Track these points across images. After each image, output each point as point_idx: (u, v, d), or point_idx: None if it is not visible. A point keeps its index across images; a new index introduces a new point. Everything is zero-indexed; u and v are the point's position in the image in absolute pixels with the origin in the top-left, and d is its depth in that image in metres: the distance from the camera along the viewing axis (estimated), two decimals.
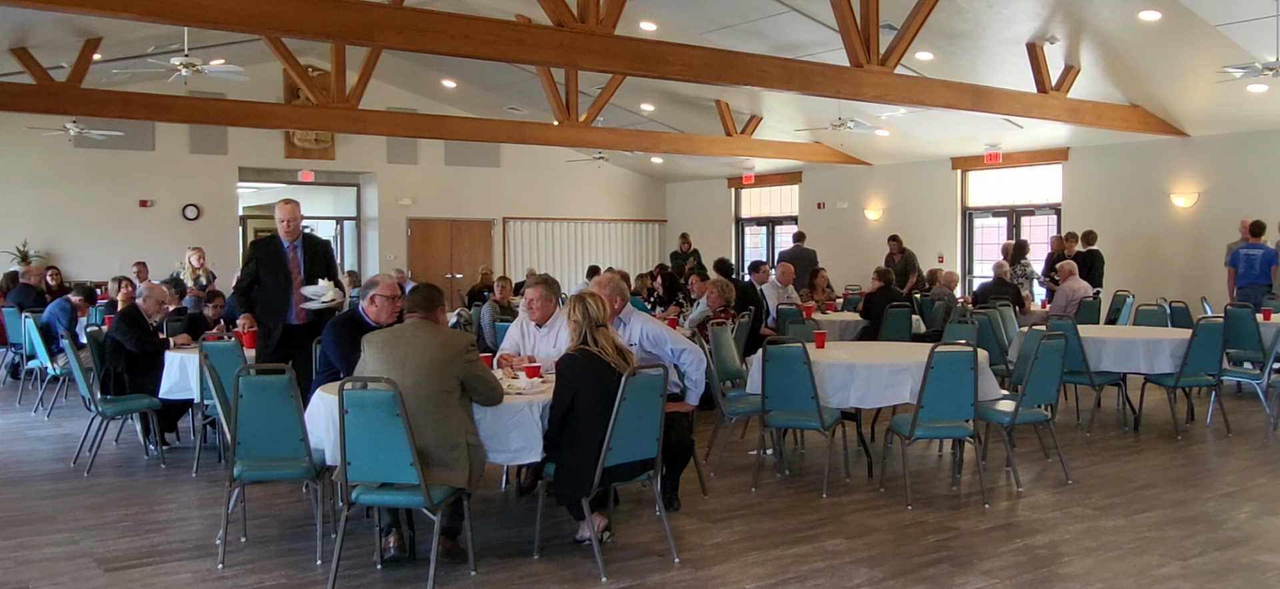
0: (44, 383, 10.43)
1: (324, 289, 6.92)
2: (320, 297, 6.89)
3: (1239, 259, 11.87)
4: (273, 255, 7.00)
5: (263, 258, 7.03)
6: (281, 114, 15.25)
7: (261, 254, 7.08)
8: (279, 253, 7.01)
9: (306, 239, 7.14)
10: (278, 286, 6.94)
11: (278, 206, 7.05)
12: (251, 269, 7.04)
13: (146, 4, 6.69)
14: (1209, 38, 10.47)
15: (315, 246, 7.19)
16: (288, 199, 7.03)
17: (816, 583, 4.85)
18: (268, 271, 6.96)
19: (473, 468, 4.82)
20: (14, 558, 5.29)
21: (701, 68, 8.95)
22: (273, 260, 6.99)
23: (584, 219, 22.14)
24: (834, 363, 6.58)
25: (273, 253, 7.01)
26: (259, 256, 7.08)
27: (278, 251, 7.01)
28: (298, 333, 6.90)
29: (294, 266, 6.94)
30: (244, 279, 7.09)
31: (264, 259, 7.02)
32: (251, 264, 7.08)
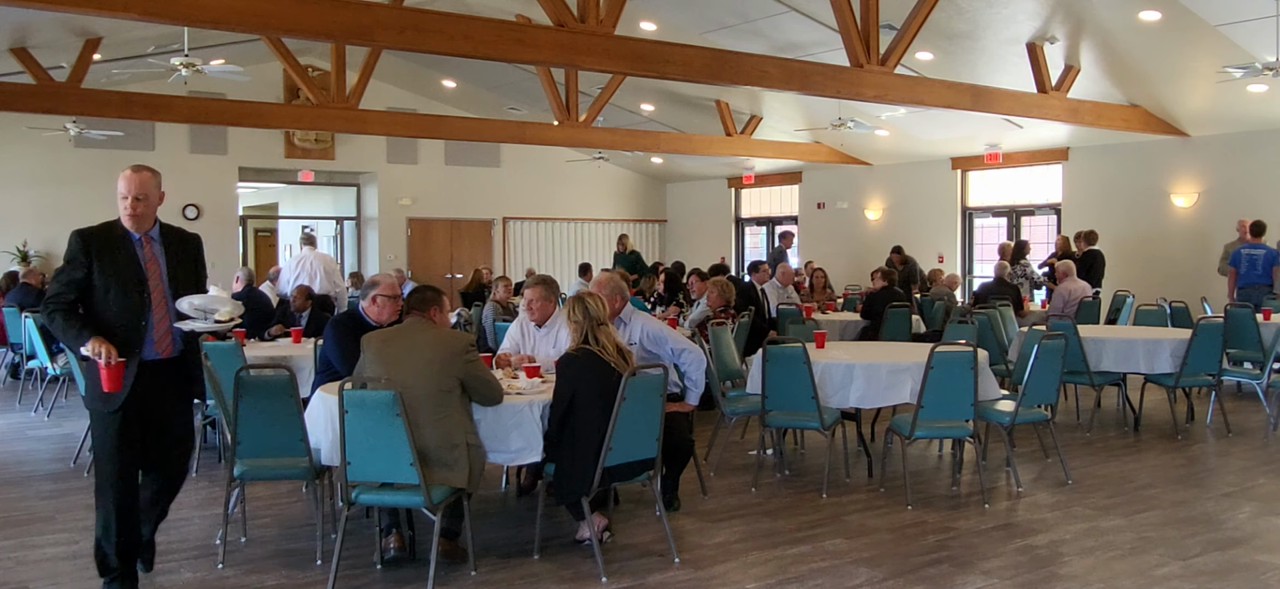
0: (44, 383, 10.42)
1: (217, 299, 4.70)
2: (210, 312, 4.63)
3: (1240, 259, 11.87)
4: (113, 252, 4.57)
5: (100, 254, 4.54)
6: (281, 114, 15.25)
7: (97, 248, 4.55)
8: (125, 248, 4.59)
9: (168, 231, 4.73)
10: (126, 300, 4.53)
11: (123, 179, 4.59)
12: (76, 274, 4.52)
13: (146, 4, 6.69)
14: (1209, 38, 10.47)
15: (184, 242, 4.77)
16: (140, 166, 4.69)
17: (816, 583, 4.85)
18: (108, 276, 4.52)
19: (473, 468, 4.82)
20: (14, 558, 5.29)
21: (701, 68, 8.95)
22: (114, 259, 4.56)
23: (584, 219, 22.13)
24: (834, 363, 6.58)
25: (113, 248, 4.58)
26: (93, 252, 4.53)
27: (121, 246, 4.59)
28: (162, 372, 4.61)
29: (152, 269, 4.62)
30: (61, 288, 4.52)
31: (102, 257, 4.54)
32: (77, 264, 4.52)
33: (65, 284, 4.54)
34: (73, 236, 4.58)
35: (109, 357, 4.37)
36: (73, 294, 4.53)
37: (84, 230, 4.60)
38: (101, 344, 4.38)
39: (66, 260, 4.59)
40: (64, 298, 4.53)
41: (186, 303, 4.59)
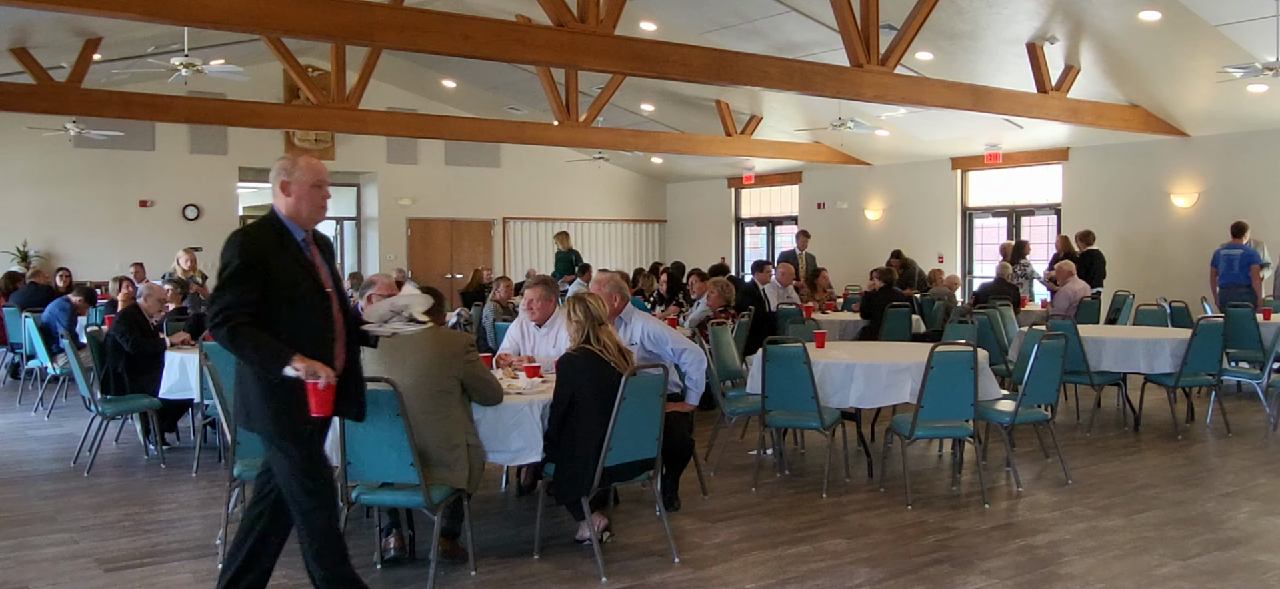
0: (44, 383, 10.43)
1: (409, 296, 4.37)
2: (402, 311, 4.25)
3: (1220, 259, 11.92)
4: (285, 254, 3.99)
5: (271, 259, 3.95)
6: (281, 114, 15.25)
7: (270, 250, 3.96)
8: (294, 250, 4.03)
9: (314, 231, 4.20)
10: (310, 310, 4.01)
11: (312, 166, 4.07)
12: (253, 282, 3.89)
13: (146, 4, 6.69)
14: (1209, 38, 10.47)
15: (326, 242, 4.25)
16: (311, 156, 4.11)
17: (816, 583, 4.85)
18: (285, 283, 3.95)
19: (472, 468, 4.82)
20: (14, 558, 5.29)
21: (701, 68, 8.95)
22: (286, 263, 3.98)
23: (584, 219, 22.12)
24: (834, 363, 6.59)
25: (282, 249, 4.00)
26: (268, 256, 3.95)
27: (289, 248, 4.02)
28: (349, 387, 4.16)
29: (320, 273, 4.09)
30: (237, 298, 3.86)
31: (274, 261, 3.95)
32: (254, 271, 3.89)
33: (242, 295, 3.85)
34: (239, 239, 3.91)
35: (326, 377, 3.83)
36: (253, 307, 3.86)
37: (249, 230, 3.99)
38: (312, 363, 3.83)
39: (237, 269, 3.86)
40: (246, 311, 3.84)
41: (385, 307, 4.23)
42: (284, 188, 4.03)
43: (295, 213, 4.03)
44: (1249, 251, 11.73)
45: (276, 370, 3.85)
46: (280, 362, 3.82)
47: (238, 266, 3.87)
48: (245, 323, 3.82)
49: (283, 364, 3.81)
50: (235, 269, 3.87)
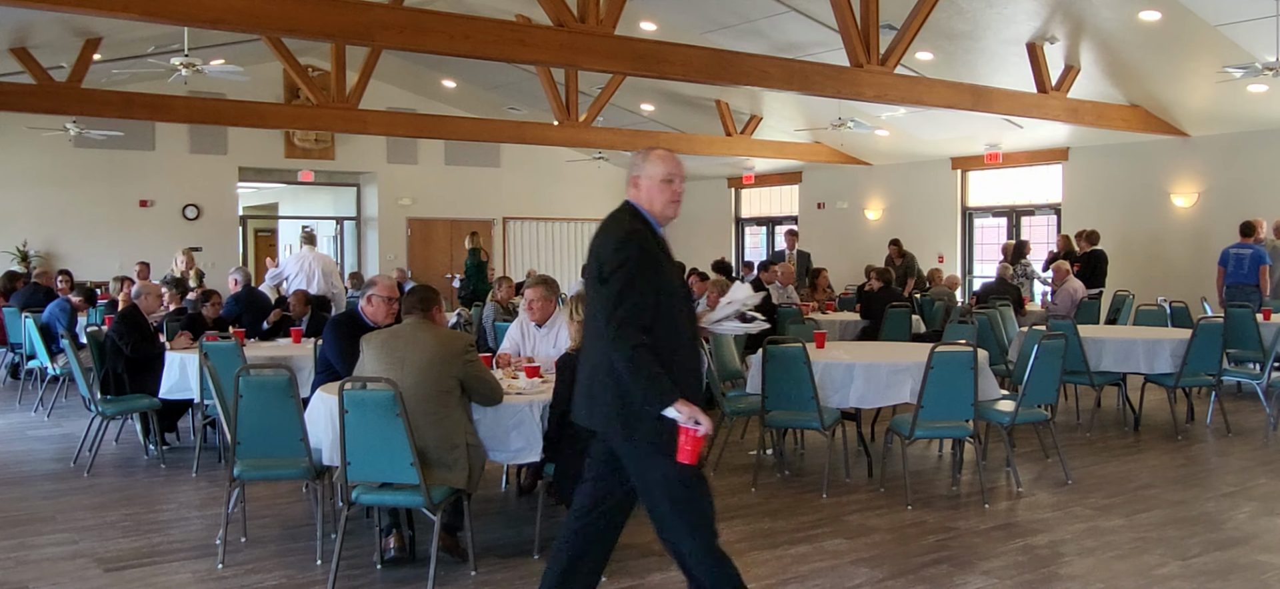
0: (44, 383, 10.43)
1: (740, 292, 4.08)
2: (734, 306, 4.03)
3: (1228, 258, 11.92)
4: (663, 257, 3.70)
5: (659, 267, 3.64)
6: (281, 114, 15.25)
7: (650, 254, 3.63)
8: (667, 256, 3.74)
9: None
10: (682, 329, 3.69)
11: (666, 158, 3.73)
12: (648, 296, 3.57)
13: (146, 4, 6.69)
14: (1209, 38, 10.47)
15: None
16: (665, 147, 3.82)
17: (816, 583, 4.85)
18: (668, 289, 3.65)
19: (472, 468, 4.82)
20: (14, 558, 5.29)
21: (701, 68, 8.95)
22: (665, 271, 3.68)
23: (584, 219, 22.12)
24: (834, 363, 6.59)
25: (661, 254, 3.70)
26: (657, 256, 3.66)
27: (663, 253, 3.72)
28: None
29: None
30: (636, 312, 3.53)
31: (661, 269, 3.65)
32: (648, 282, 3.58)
33: (641, 301, 3.51)
34: (624, 232, 3.56)
35: (706, 426, 3.50)
36: (649, 318, 3.51)
37: (631, 225, 3.61)
38: (694, 408, 3.48)
39: (634, 271, 3.50)
40: (643, 324, 3.50)
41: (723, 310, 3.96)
42: (634, 182, 3.74)
43: (649, 203, 3.72)
44: (1259, 251, 11.72)
45: (657, 407, 3.51)
46: (665, 400, 3.48)
47: (634, 268, 3.52)
48: (645, 346, 3.48)
49: (666, 403, 3.48)
50: (631, 270, 3.52)
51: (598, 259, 3.64)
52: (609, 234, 3.64)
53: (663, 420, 3.53)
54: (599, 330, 3.63)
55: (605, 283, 3.56)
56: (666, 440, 3.54)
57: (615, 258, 3.54)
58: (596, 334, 3.67)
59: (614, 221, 3.70)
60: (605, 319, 3.55)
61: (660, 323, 3.54)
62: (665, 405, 3.48)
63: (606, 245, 3.61)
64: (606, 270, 3.56)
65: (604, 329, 3.55)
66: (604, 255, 3.59)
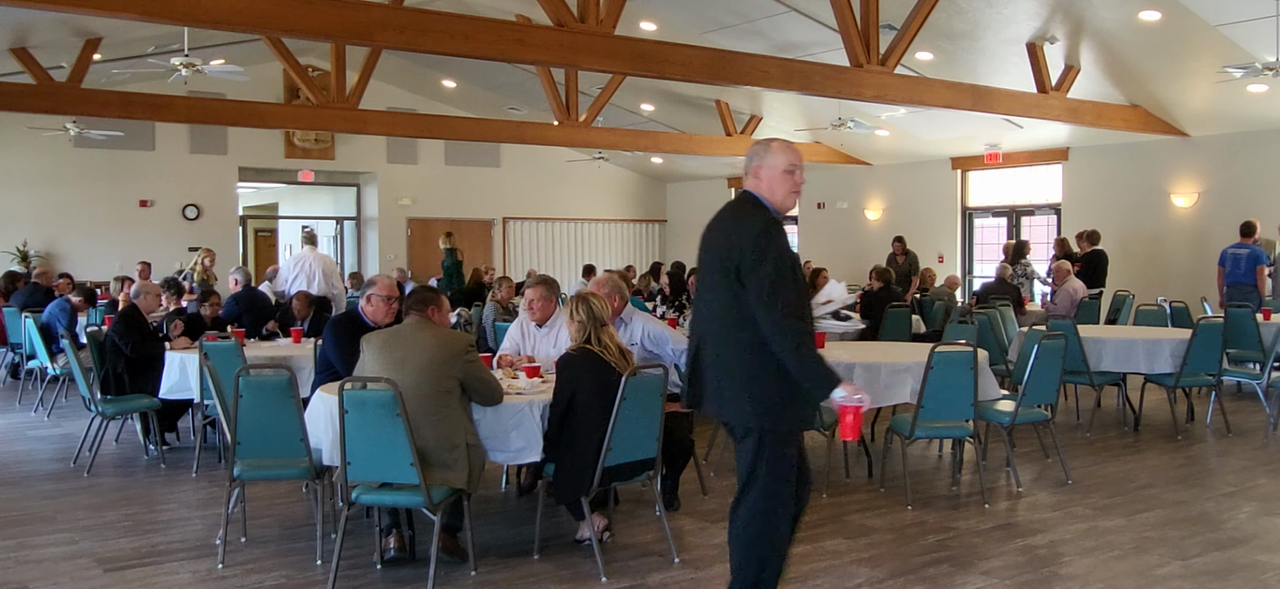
0: (44, 383, 10.43)
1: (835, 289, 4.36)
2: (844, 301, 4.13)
3: (1227, 258, 11.94)
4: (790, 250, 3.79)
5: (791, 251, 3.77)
6: (281, 114, 15.26)
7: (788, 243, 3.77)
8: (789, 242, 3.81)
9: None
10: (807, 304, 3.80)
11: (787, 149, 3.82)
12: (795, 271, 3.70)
13: (146, 4, 6.69)
14: (1209, 38, 10.47)
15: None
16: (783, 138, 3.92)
17: (816, 583, 4.85)
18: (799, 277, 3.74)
19: (472, 468, 4.82)
20: (14, 558, 5.29)
21: (701, 68, 8.95)
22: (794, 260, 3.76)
23: (584, 219, 22.14)
24: (834, 363, 6.55)
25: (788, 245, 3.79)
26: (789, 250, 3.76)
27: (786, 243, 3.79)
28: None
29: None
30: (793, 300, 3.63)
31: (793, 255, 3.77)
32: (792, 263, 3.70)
33: (796, 293, 3.59)
34: (771, 231, 3.61)
35: (868, 401, 3.60)
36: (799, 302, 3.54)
37: (772, 220, 3.67)
38: (856, 386, 3.59)
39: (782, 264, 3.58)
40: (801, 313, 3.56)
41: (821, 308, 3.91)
42: (755, 173, 3.78)
43: (770, 194, 3.77)
44: (1255, 251, 11.73)
45: (823, 393, 3.61)
46: (830, 384, 3.57)
47: (780, 257, 3.60)
48: (808, 334, 3.58)
49: (831, 387, 3.57)
50: (779, 260, 3.59)
51: (734, 250, 3.64)
52: (744, 226, 3.66)
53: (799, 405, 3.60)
54: (730, 322, 3.65)
55: (750, 275, 3.58)
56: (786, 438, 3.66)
57: (758, 248, 3.58)
58: (725, 327, 3.68)
59: (743, 213, 3.73)
60: (764, 311, 3.56)
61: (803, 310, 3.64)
62: (832, 389, 3.56)
63: (744, 237, 3.63)
64: (750, 261, 3.59)
65: (763, 321, 3.57)
66: (744, 246, 3.61)
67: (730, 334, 3.67)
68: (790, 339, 3.53)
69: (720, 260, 3.68)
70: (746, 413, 3.70)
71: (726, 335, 3.69)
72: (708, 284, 3.82)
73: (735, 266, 3.61)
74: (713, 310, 3.76)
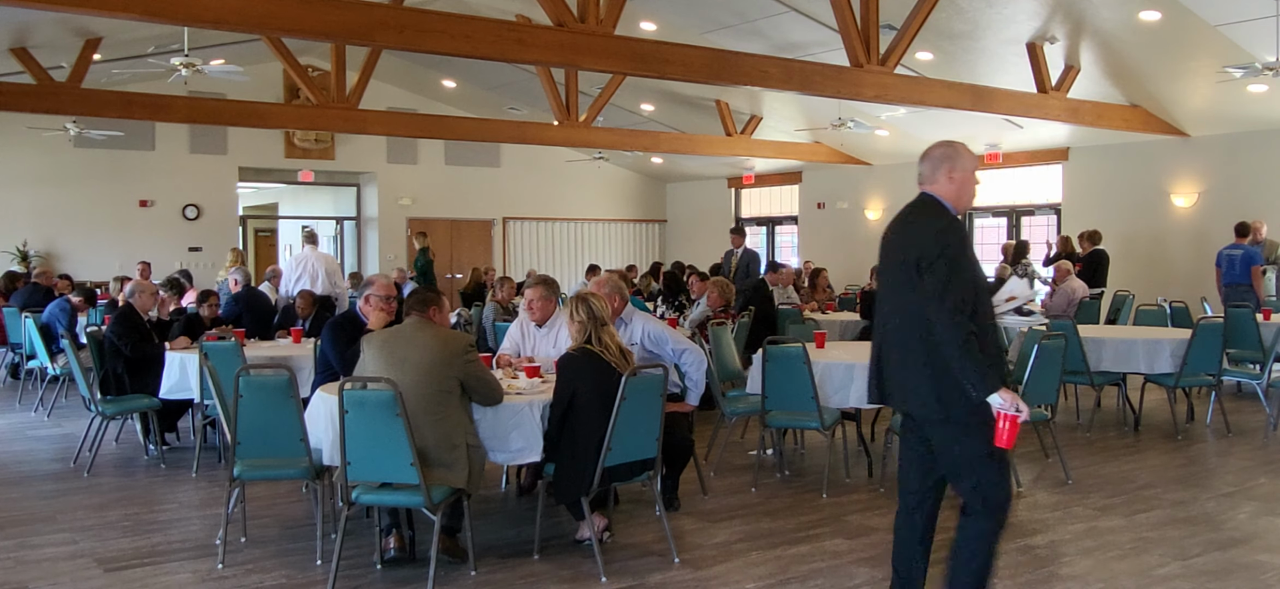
0: (44, 383, 10.43)
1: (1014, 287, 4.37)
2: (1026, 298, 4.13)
3: (1222, 259, 11.95)
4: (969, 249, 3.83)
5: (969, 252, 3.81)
6: (281, 114, 15.26)
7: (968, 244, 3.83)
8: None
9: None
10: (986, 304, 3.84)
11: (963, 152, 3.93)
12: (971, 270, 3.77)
13: (146, 4, 6.69)
14: (1209, 38, 10.47)
15: None
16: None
17: (816, 583, 4.85)
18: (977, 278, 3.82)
19: (472, 468, 4.82)
20: (14, 558, 5.29)
21: (701, 68, 8.95)
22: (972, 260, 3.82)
23: (584, 219, 22.14)
24: (834, 363, 6.58)
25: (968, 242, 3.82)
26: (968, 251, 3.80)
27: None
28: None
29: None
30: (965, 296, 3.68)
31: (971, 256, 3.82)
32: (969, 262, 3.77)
33: (968, 290, 3.66)
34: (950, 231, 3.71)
35: (1026, 412, 3.65)
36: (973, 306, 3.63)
37: (952, 221, 3.77)
38: (1015, 395, 3.63)
39: (956, 260, 3.66)
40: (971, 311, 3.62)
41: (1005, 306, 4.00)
42: (948, 175, 3.86)
43: (954, 198, 3.87)
44: (1250, 251, 11.74)
45: (982, 393, 3.65)
46: (990, 386, 3.63)
47: (958, 256, 3.69)
48: (975, 334, 3.63)
49: (992, 390, 3.63)
50: (956, 258, 3.69)
51: (914, 248, 3.76)
52: (925, 225, 3.78)
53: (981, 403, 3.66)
54: (912, 316, 3.76)
55: (927, 271, 3.69)
56: (981, 421, 3.68)
57: (937, 246, 3.69)
58: (908, 320, 3.79)
59: (923, 213, 3.85)
60: (936, 305, 3.66)
61: (976, 309, 3.69)
62: (990, 392, 3.62)
63: (925, 235, 3.75)
64: (928, 259, 3.69)
65: (934, 315, 3.67)
66: (924, 244, 3.72)
67: (913, 329, 3.80)
68: (957, 335, 3.63)
69: (902, 259, 3.82)
70: (931, 405, 3.81)
71: (910, 330, 3.81)
72: (890, 283, 3.98)
73: (915, 263, 3.74)
74: (895, 307, 3.90)
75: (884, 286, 4.05)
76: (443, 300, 5.23)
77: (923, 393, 3.82)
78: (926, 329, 3.72)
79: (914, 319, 3.78)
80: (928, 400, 3.80)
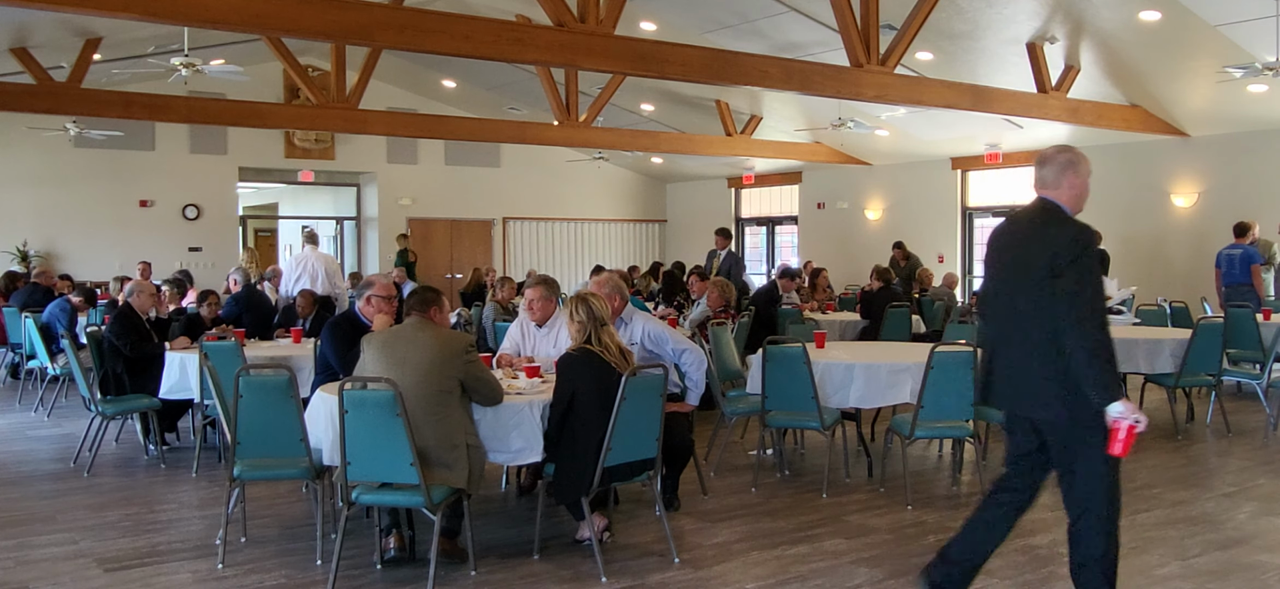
0: (44, 383, 10.42)
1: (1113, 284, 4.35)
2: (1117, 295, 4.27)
3: (1221, 259, 11.95)
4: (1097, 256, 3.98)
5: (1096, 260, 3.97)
6: (281, 114, 15.26)
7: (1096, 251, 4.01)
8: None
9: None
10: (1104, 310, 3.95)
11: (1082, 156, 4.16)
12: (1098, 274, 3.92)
13: (146, 4, 6.69)
14: (1209, 38, 10.47)
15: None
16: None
17: (816, 583, 4.85)
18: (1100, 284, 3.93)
19: (472, 468, 4.82)
20: (14, 558, 5.29)
21: (701, 68, 8.95)
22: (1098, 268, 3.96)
23: (584, 219, 22.13)
24: (834, 363, 6.58)
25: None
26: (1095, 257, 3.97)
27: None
28: None
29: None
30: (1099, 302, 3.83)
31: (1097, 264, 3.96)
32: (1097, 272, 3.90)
33: (1099, 303, 3.74)
34: (1084, 236, 3.81)
35: (1145, 422, 3.70)
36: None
37: (1084, 226, 3.87)
38: (1134, 405, 3.67)
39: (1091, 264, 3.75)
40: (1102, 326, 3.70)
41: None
42: (1070, 184, 3.99)
43: (1073, 204, 3.96)
44: (1249, 251, 11.73)
45: (1102, 400, 3.69)
46: (1114, 394, 3.67)
47: (1092, 261, 3.77)
48: (1106, 342, 3.69)
49: (1113, 397, 3.66)
50: (1091, 263, 3.77)
51: (1047, 254, 3.79)
52: (1059, 230, 3.84)
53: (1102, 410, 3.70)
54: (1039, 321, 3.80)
55: (1063, 276, 3.74)
56: (1102, 426, 3.71)
57: (1073, 251, 3.74)
58: (1033, 325, 3.83)
59: (1054, 219, 3.90)
60: (1068, 310, 3.70)
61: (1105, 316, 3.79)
62: (1113, 401, 3.65)
63: (1060, 240, 3.79)
64: (1063, 264, 3.74)
65: (1066, 320, 3.71)
66: (1060, 249, 3.77)
67: (1040, 333, 3.82)
68: (1088, 342, 3.67)
69: (1029, 264, 3.85)
70: (1056, 410, 3.83)
71: (1035, 334, 3.84)
72: (1010, 287, 3.99)
73: (1047, 269, 3.77)
74: (1018, 311, 3.91)
75: (1001, 291, 4.07)
76: (443, 300, 5.23)
77: (1047, 397, 3.83)
78: (1055, 333, 3.75)
79: (1040, 323, 3.81)
80: (1052, 405, 3.83)
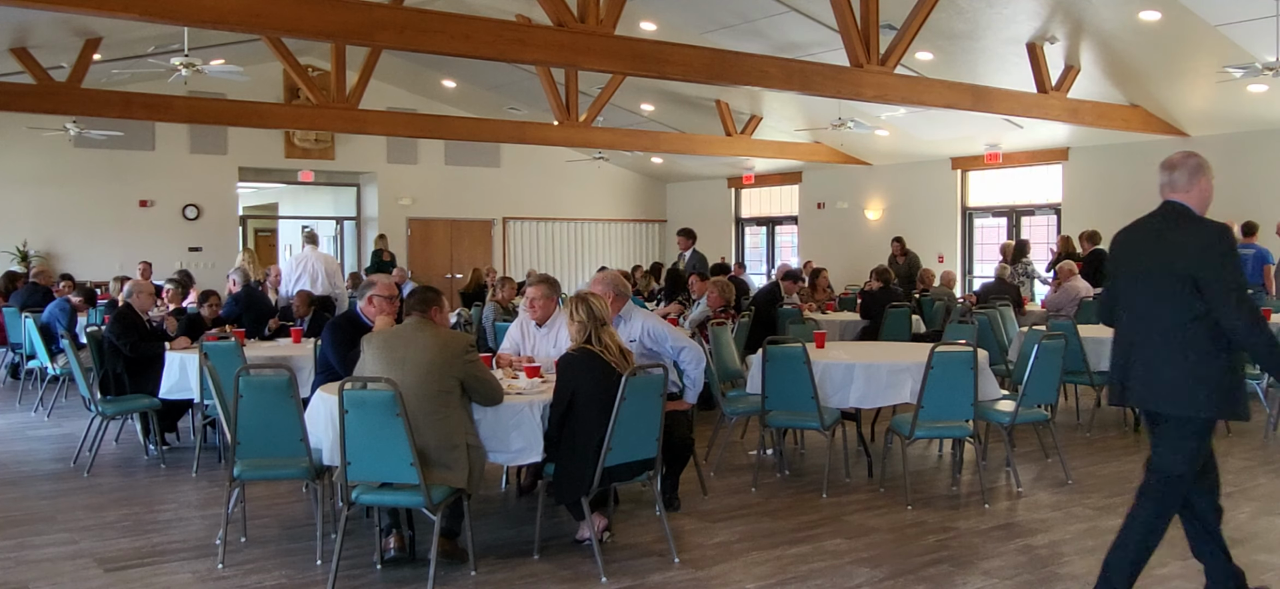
0: (44, 383, 10.43)
1: None
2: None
3: None
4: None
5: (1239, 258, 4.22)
6: (281, 114, 15.25)
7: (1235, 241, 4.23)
8: None
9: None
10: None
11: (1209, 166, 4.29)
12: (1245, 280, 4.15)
13: (146, 4, 6.69)
14: (1209, 38, 10.47)
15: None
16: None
17: (816, 583, 4.85)
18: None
19: (472, 469, 4.82)
20: (14, 558, 5.29)
21: (701, 68, 8.95)
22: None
23: (584, 219, 22.14)
24: (834, 363, 6.58)
25: None
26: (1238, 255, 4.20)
27: None
28: None
29: None
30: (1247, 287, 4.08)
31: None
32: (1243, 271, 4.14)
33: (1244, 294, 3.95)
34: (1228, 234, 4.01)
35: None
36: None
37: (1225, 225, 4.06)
38: None
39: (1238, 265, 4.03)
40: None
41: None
42: (1200, 188, 4.14)
43: (1201, 206, 4.12)
44: (1261, 252, 11.71)
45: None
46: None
47: (1236, 255, 3.97)
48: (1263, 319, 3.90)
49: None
50: (1236, 257, 3.98)
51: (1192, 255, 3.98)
52: (1201, 231, 4.02)
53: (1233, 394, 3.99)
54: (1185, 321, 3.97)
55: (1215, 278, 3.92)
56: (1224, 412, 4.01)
57: (1221, 249, 3.94)
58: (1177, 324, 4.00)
59: (1192, 221, 4.09)
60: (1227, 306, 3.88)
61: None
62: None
63: (1205, 240, 3.98)
64: (1215, 265, 3.93)
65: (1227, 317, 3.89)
66: (1208, 249, 3.95)
67: (1183, 332, 3.99)
68: (1263, 336, 3.88)
69: (1171, 265, 4.03)
70: (1200, 402, 4.02)
71: (1180, 333, 4.00)
72: (1146, 287, 4.15)
73: (1194, 270, 3.95)
74: (1157, 310, 4.08)
75: (1133, 292, 4.21)
76: (443, 300, 5.23)
77: (1192, 392, 4.01)
78: (1202, 333, 3.94)
79: (1186, 324, 3.98)
80: (1198, 400, 4.01)
